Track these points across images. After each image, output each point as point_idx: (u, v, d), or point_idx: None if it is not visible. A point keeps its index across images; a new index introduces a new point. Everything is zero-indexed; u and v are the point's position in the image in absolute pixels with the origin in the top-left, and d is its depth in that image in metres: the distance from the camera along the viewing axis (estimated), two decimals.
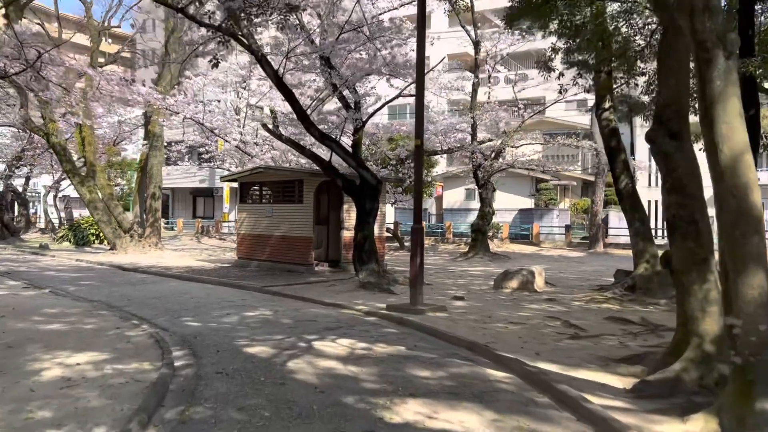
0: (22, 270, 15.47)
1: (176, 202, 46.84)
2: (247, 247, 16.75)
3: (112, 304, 9.94)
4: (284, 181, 15.50)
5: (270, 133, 12.97)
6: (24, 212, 31.91)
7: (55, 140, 20.14)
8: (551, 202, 32.55)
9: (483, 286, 12.85)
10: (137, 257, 19.56)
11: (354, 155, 12.29)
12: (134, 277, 14.36)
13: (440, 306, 9.55)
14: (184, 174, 42.84)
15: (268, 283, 12.87)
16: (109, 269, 16.42)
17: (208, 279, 13.72)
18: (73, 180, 20.63)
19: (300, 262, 14.99)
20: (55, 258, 19.97)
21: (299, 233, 15.00)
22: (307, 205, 14.84)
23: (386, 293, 11.42)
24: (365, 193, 12.36)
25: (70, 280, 13.34)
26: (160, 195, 21.51)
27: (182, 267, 16.60)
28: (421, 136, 9.46)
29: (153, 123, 20.21)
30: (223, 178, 17.34)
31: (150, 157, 21.29)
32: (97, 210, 20.65)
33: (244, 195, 17.06)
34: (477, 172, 19.17)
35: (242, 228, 16.94)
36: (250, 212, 16.70)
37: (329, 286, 12.44)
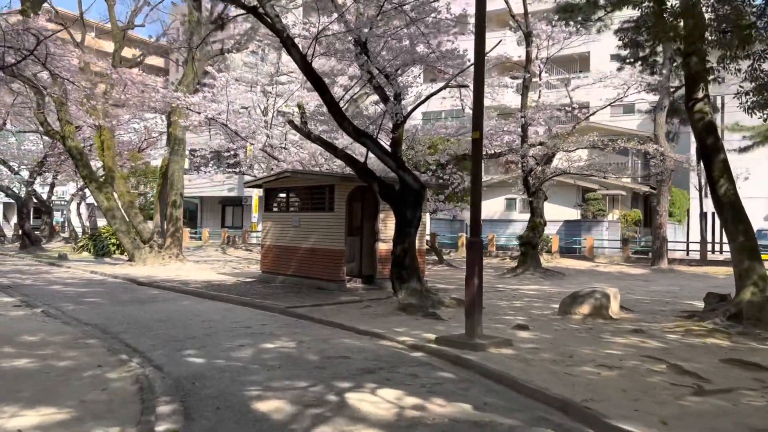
0: (26, 283, 14.10)
1: (205, 212, 45.82)
2: (272, 260, 15.10)
3: (107, 330, 8.33)
4: (313, 186, 13.83)
5: (297, 130, 11.33)
6: (47, 220, 31.00)
7: (71, 143, 18.91)
8: (599, 213, 30.27)
9: (545, 310, 10.90)
10: (155, 270, 18.11)
11: (393, 155, 10.53)
12: (146, 294, 12.81)
13: (503, 339, 7.66)
14: (212, 182, 41.75)
15: (294, 302, 11.16)
16: (122, 283, 14.94)
17: (226, 297, 12.08)
18: (90, 186, 19.36)
19: (330, 278, 13.25)
20: (69, 269, 18.66)
21: (329, 245, 13.28)
22: (339, 214, 13.13)
23: (431, 318, 9.59)
24: (406, 199, 10.58)
25: (73, 297, 11.85)
26: (181, 203, 20.09)
27: (201, 281, 15.04)
28: (480, 127, 7.65)
29: (174, 125, 18.82)
30: (247, 184, 15.79)
31: (171, 162, 19.91)
32: (115, 219, 19.32)
33: (269, 202, 15.45)
34: (528, 178, 17.22)
35: (267, 239, 15.31)
36: (275, 221, 15.07)
37: (363, 308, 10.65)
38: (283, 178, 14.31)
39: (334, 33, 10.16)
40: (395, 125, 10.77)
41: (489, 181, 31.74)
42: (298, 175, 13.84)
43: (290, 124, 11.37)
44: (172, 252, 19.86)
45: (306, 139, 14.28)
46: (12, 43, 12.15)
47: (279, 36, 9.32)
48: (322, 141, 11.28)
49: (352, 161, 11.08)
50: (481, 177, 7.82)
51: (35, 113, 19.33)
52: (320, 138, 11.35)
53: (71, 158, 19.89)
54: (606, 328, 8.97)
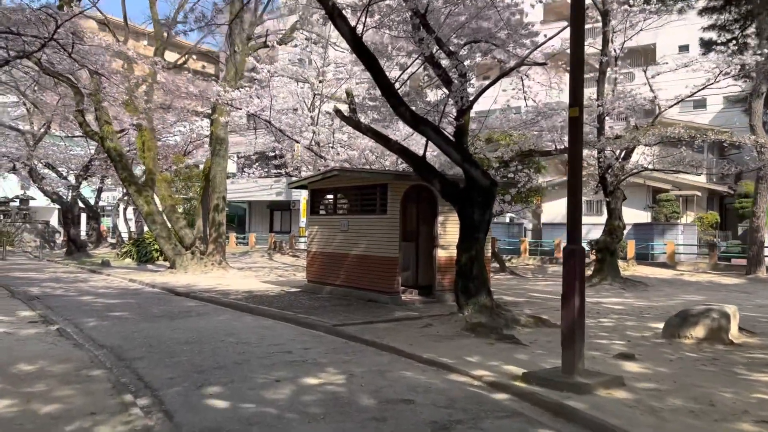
0: (56, 294, 13.10)
1: (253, 216, 45.14)
2: (318, 268, 13.66)
3: (122, 355, 7.00)
4: (363, 186, 12.32)
5: (345, 120, 9.84)
6: (95, 226, 30.65)
7: (110, 144, 18.03)
8: (673, 215, 27.73)
9: (644, 331, 9.02)
10: (196, 278, 16.99)
11: (458, 146, 8.89)
12: (180, 306, 11.56)
13: (612, 376, 5.92)
14: (260, 187, 41.01)
15: (342, 318, 9.65)
16: (158, 294, 13.80)
17: (267, 311, 10.68)
18: (129, 189, 18.46)
19: (382, 289, 11.70)
20: (108, 277, 17.76)
21: (382, 252, 11.73)
22: (392, 217, 11.57)
23: (508, 342, 7.89)
24: (473, 198, 8.92)
25: (99, 311, 10.69)
26: (224, 207, 18.97)
27: (243, 291, 13.75)
28: (579, 101, 5.95)
29: (215, 123, 17.70)
30: (291, 185, 14.42)
31: (213, 164, 18.81)
32: (155, 224, 18.33)
33: (315, 205, 14.04)
34: (605, 176, 15.23)
35: (313, 245, 13.89)
36: (321, 226, 13.64)
37: (424, 327, 9.04)
38: (330, 177, 12.86)
39: (388, 4, 8.62)
40: (460, 111, 9.12)
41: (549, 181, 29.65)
42: (347, 174, 12.37)
43: (337, 114, 9.88)
44: (215, 259, 18.74)
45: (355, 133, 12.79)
46: (35, 32, 11.15)
47: (324, 6, 7.85)
48: (374, 132, 9.74)
49: (408, 155, 9.51)
50: (581, 165, 6.11)
51: (74, 113, 18.58)
52: (371, 128, 9.82)
53: (110, 160, 19.05)
54: (734, 359, 7.08)
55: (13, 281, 15.49)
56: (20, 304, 11.05)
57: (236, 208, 47.64)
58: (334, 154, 16.78)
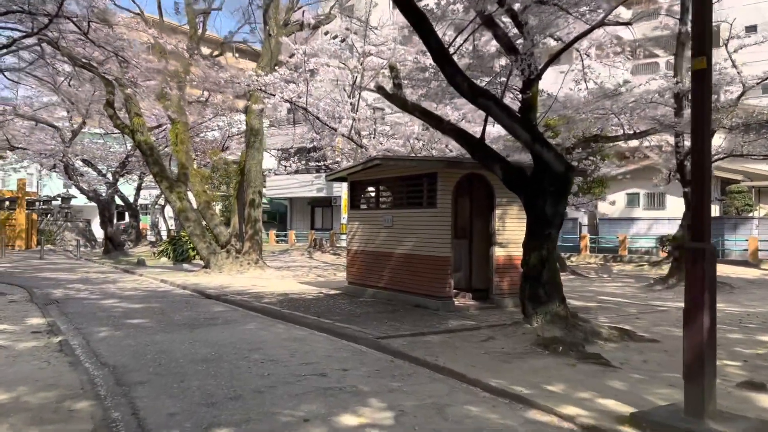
0: (79, 297, 12.16)
1: (294, 213, 44.29)
2: (359, 268, 12.32)
3: (122, 378, 5.80)
4: (409, 176, 10.91)
5: (389, 98, 8.46)
6: (134, 224, 30.16)
7: (140, 137, 17.12)
8: (746, 208, 25.34)
9: (757, 347, 7.35)
10: (230, 278, 15.91)
11: (526, 123, 7.36)
12: (206, 312, 10.40)
13: (754, 420, 4.36)
14: (301, 183, 40.11)
15: (387, 329, 8.28)
16: (187, 296, 12.71)
17: (302, 318, 9.40)
18: (161, 185, 17.52)
19: (432, 293, 10.27)
20: (140, 278, 16.87)
21: (431, 251, 10.30)
22: (443, 211, 10.12)
23: (594, 363, 6.36)
24: (544, 187, 7.40)
25: (117, 318, 9.60)
26: (260, 202, 17.85)
27: (278, 294, 12.55)
28: (707, 50, 4.39)
29: (250, 113, 16.58)
30: (329, 176, 13.12)
31: (248, 157, 17.71)
32: (188, 221, 17.35)
33: (355, 198, 12.70)
34: (684, 163, 13.37)
35: (353, 243, 12.56)
36: (363, 222, 12.29)
37: (485, 341, 7.57)
38: (372, 167, 11.48)
39: None
40: (526, 82, 7.59)
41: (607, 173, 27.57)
42: (390, 163, 10.96)
43: (380, 92, 8.52)
44: (251, 257, 17.64)
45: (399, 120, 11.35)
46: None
47: None
48: (422, 111, 8.31)
49: (463, 137, 8.05)
50: (709, 135, 4.55)
51: (104, 106, 17.77)
52: (419, 107, 8.39)
53: (141, 154, 18.17)
54: None
55: (40, 282, 14.71)
56: (34, 310, 10.08)
57: (277, 205, 46.92)
58: (376, 143, 15.41)
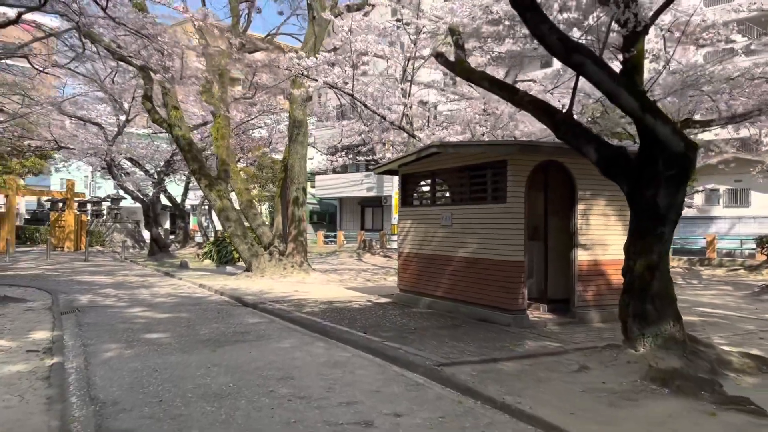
0: (105, 304, 11.04)
1: (344, 213, 43.15)
2: (413, 274, 10.73)
3: (103, 425, 4.40)
4: (472, 166, 9.25)
5: (449, 67, 6.88)
6: (182, 225, 29.50)
7: (178, 132, 16.05)
8: None
9: None
10: (272, 283, 14.61)
11: (632, 87, 5.59)
12: (239, 324, 9.04)
13: None
14: (351, 182, 38.93)
15: (449, 351, 6.70)
16: (221, 305, 11.43)
17: (346, 334, 7.88)
18: (200, 183, 16.41)
19: (501, 305, 8.58)
20: (179, 281, 15.80)
21: (499, 254, 8.62)
22: (514, 206, 8.43)
23: (742, 411, 4.59)
24: (658, 171, 5.64)
25: (136, 331, 8.33)
26: (304, 200, 16.51)
27: (321, 302, 11.12)
28: None
29: (292, 101, 15.25)
30: (378, 169, 11.59)
31: (291, 151, 16.40)
32: (229, 221, 16.18)
33: (407, 194, 11.12)
34: None
35: (405, 244, 10.98)
36: (416, 220, 10.69)
37: (577, 372, 5.87)
38: (428, 156, 9.87)
39: None
40: (629, 38, 5.83)
41: None
42: (450, 150, 9.31)
43: (438, 59, 6.95)
44: (295, 260, 16.32)
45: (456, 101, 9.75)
46: None
47: None
48: (492, 81, 6.66)
49: (545, 111, 6.36)
50: None
51: (142, 100, 16.83)
52: (487, 76, 6.73)
53: (180, 150, 17.14)
54: None
55: (71, 287, 13.77)
56: (47, 320, 8.94)
57: (327, 205, 45.90)
58: (429, 133, 13.79)
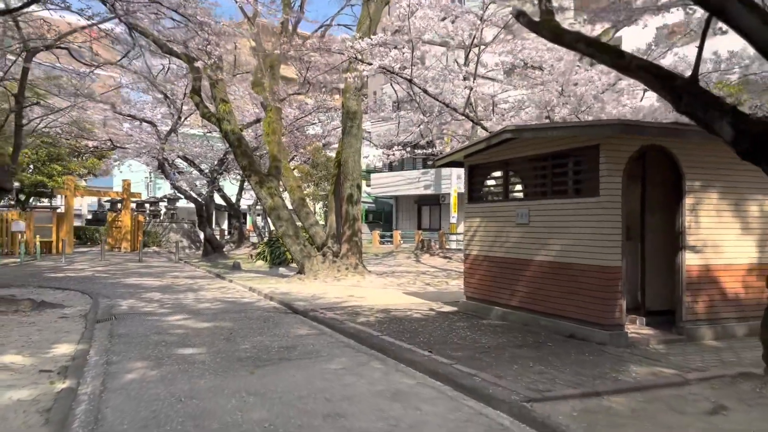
0: (145, 310, 10.22)
1: (400, 212, 41.93)
2: (481, 280, 9.39)
3: None
4: (554, 153, 7.85)
5: (533, 28, 5.53)
6: (237, 225, 29.01)
7: (227, 127, 15.24)
8: None
9: None
10: (325, 286, 13.56)
11: None
12: (285, 337, 7.96)
13: None
14: (407, 180, 37.70)
15: (535, 380, 5.39)
16: (269, 312, 10.42)
17: (408, 353, 6.66)
18: (250, 180, 15.55)
19: (593, 318, 7.15)
20: (229, 284, 15.01)
21: (590, 258, 7.20)
22: (609, 200, 6.99)
23: None
24: None
25: (170, 344, 7.38)
26: (359, 197, 15.39)
27: (378, 309, 9.96)
28: None
29: (345, 91, 14.14)
30: (439, 161, 10.30)
31: (345, 145, 15.32)
32: (280, 220, 15.24)
33: (474, 187, 9.78)
34: None
35: (473, 245, 9.65)
36: (486, 218, 9.34)
37: (711, 415, 4.44)
38: (500, 143, 8.51)
39: None
40: None
41: None
42: (527, 135, 7.92)
43: (519, 20, 5.57)
44: (350, 262, 15.22)
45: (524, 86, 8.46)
46: None
47: None
48: (589, 42, 5.28)
49: (661, 76, 4.95)
50: None
51: (190, 94, 16.13)
52: (583, 37, 5.36)
53: (228, 145, 16.33)
54: None
55: (117, 290, 13.13)
56: (77, 330, 8.10)
57: (383, 204, 44.84)
58: (496, 122, 12.39)
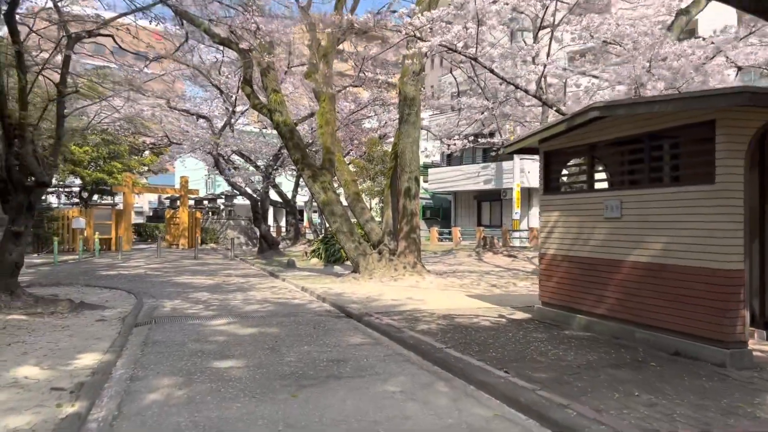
0: (189, 313, 9.51)
1: (459, 209, 40.55)
2: (561, 283, 8.15)
3: None
4: (653, 133, 6.55)
5: None
6: (293, 221, 28.48)
7: (278, 118, 14.46)
8: None
9: None
10: (381, 287, 12.59)
11: None
12: (336, 346, 7.03)
13: None
14: (466, 175, 36.31)
15: (646, 416, 4.22)
16: (320, 315, 9.52)
17: (479, 373, 5.58)
18: (303, 174, 14.73)
19: (707, 333, 5.84)
20: (282, 283, 14.29)
21: (703, 259, 5.89)
22: (728, 189, 5.68)
23: None
24: None
25: (208, 354, 6.56)
26: (417, 191, 14.32)
27: (440, 314, 8.90)
28: None
29: (403, 74, 13.08)
30: (510, 147, 9.08)
31: (402, 134, 14.27)
32: (334, 215, 14.38)
33: (551, 176, 8.54)
34: None
35: (550, 243, 8.41)
36: (565, 211, 8.09)
37: None
38: (583, 124, 7.26)
39: None
40: None
41: None
42: (619, 111, 6.63)
43: None
44: (407, 260, 14.19)
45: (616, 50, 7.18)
46: None
47: None
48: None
49: None
50: None
51: (241, 84, 15.48)
52: None
53: (280, 137, 15.56)
54: None
55: (165, 289, 12.57)
56: (111, 336, 7.38)
57: (440, 200, 43.58)
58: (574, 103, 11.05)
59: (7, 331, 7.39)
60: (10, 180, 9.17)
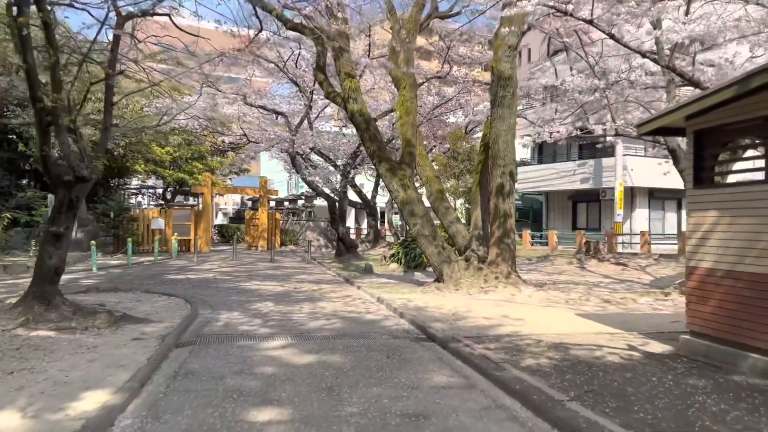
0: (242, 329, 8.08)
1: (551, 210, 37.67)
2: (721, 307, 5.97)
3: None
4: None
5: None
6: (372, 223, 27.03)
7: (353, 107, 12.90)
8: None
9: None
10: (469, 300, 10.72)
11: None
12: (414, 387, 5.30)
13: None
14: (560, 173, 33.53)
15: None
16: (396, 337, 7.82)
17: None
18: (380, 168, 13.09)
19: None
20: (357, 291, 12.79)
21: None
22: None
23: None
24: None
25: (248, 395, 5.02)
26: (512, 188, 12.30)
27: (548, 342, 6.98)
28: None
29: (496, 48, 11.07)
30: (644, 127, 6.92)
31: (494, 120, 12.28)
32: (414, 216, 12.65)
33: (704, 164, 6.36)
34: None
35: (702, 253, 6.24)
36: (727, 210, 5.91)
37: None
38: (758, 90, 5.11)
39: None
40: None
41: None
42: None
43: None
44: (500, 269, 12.22)
45: None
46: None
47: None
48: None
49: None
50: None
51: (314, 71, 14.09)
52: None
53: (355, 127, 13.99)
54: None
55: (228, 297, 11.34)
56: (139, 362, 6.01)
57: (530, 201, 40.82)
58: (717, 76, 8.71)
59: (20, 352, 6.19)
60: (47, 173, 8.11)
